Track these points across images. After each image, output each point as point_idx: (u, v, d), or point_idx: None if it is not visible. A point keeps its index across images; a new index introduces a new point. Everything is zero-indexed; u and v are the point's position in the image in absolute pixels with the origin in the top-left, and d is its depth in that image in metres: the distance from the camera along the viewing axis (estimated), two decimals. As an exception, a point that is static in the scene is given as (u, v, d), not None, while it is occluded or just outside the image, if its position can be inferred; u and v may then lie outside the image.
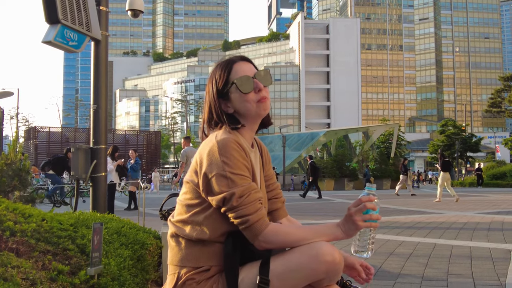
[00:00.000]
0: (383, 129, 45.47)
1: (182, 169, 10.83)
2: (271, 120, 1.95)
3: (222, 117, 1.81)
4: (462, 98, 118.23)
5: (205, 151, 1.71)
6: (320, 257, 1.61)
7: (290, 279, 1.64)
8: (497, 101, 57.97)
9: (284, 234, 1.68)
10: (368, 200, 1.69)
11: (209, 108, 1.85)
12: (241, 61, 1.85)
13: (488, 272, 4.36)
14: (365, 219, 1.67)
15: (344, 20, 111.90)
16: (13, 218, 2.76)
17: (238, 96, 1.79)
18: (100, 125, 5.70)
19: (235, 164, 1.66)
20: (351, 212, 1.68)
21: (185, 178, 1.82)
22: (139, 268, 3.21)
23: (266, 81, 1.82)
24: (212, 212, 1.73)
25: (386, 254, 5.42)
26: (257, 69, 1.86)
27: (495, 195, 19.04)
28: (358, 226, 1.67)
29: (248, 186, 1.67)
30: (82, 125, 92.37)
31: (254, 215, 1.64)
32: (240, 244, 1.72)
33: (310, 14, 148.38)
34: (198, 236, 1.73)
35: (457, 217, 9.95)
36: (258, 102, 1.79)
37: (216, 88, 1.82)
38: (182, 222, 1.77)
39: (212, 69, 1.88)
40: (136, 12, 8.02)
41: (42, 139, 33.75)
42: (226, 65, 1.83)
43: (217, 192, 1.66)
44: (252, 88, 1.79)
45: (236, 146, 1.69)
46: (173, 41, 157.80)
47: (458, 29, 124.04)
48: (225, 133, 1.76)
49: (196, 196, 1.76)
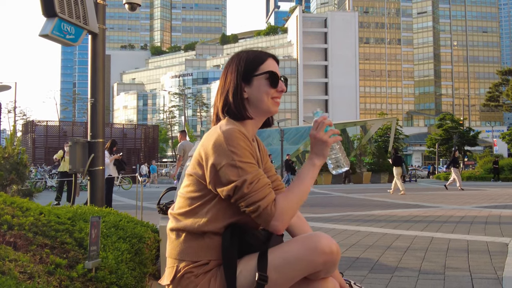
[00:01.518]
0: (381, 123, 45.51)
1: (180, 162, 10.83)
2: (273, 121, 2.01)
3: (237, 98, 1.83)
4: (460, 92, 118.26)
5: (210, 143, 1.71)
6: (318, 249, 1.63)
7: (288, 271, 1.65)
8: (495, 95, 58.09)
9: (290, 209, 1.70)
10: (323, 119, 1.77)
11: (228, 87, 1.85)
12: (274, 60, 1.91)
13: (485, 265, 4.37)
14: (329, 135, 1.75)
15: (342, 14, 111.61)
16: (11, 212, 2.76)
17: (262, 86, 1.83)
18: (97, 119, 5.69)
19: (243, 153, 1.68)
20: (315, 134, 1.76)
21: (187, 171, 1.82)
22: (137, 261, 3.21)
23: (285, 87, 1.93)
24: (214, 204, 1.73)
25: (384, 247, 5.44)
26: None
27: (493, 189, 19.09)
28: (327, 141, 1.75)
29: (257, 173, 1.69)
30: (79, 119, 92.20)
31: (264, 201, 1.65)
32: (238, 237, 1.72)
33: (308, 7, 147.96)
34: (199, 229, 1.73)
35: (455, 211, 9.98)
36: (273, 99, 1.86)
37: (244, 69, 1.84)
38: (183, 215, 1.78)
39: (243, 52, 1.91)
40: (134, 5, 7.97)
41: (39, 133, 33.64)
42: (260, 54, 1.89)
43: (228, 182, 1.66)
44: (278, 85, 1.86)
45: (242, 136, 1.71)
46: (170, 35, 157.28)
47: (456, 23, 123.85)
48: (229, 123, 1.78)
49: (199, 189, 1.76)
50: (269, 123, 1.97)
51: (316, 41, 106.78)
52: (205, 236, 1.73)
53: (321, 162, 1.76)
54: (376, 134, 46.38)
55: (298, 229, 1.98)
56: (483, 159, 41.30)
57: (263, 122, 1.93)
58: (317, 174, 1.77)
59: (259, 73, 1.83)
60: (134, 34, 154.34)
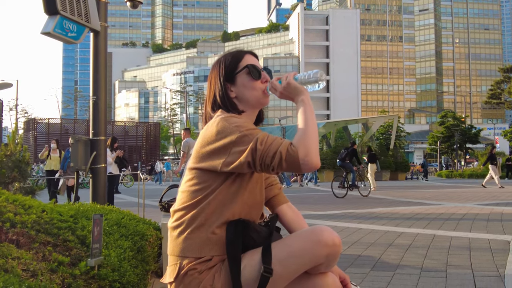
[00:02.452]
0: (383, 121, 45.48)
1: (184, 159, 10.88)
2: (264, 116, 2.05)
3: (225, 99, 1.89)
4: (462, 89, 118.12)
5: (213, 129, 1.74)
6: (321, 241, 1.66)
7: (292, 265, 1.68)
8: (497, 93, 57.97)
9: (310, 141, 1.68)
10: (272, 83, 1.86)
11: (214, 92, 1.92)
12: (251, 55, 1.97)
13: (487, 263, 4.37)
14: (282, 79, 1.83)
15: (343, 11, 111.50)
16: (13, 210, 2.76)
17: (246, 82, 1.89)
18: (99, 117, 5.69)
19: (246, 124, 1.73)
20: (280, 89, 1.83)
21: (188, 165, 1.83)
22: (139, 259, 3.22)
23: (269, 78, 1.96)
24: (216, 196, 1.74)
25: (385, 245, 5.44)
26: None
27: (494, 187, 19.06)
28: (289, 83, 1.80)
29: (265, 132, 1.72)
30: (81, 117, 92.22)
31: (282, 146, 1.66)
32: (242, 231, 1.73)
33: (310, 5, 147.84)
34: (200, 223, 1.74)
35: (456, 208, 9.97)
36: (263, 92, 1.90)
37: (224, 70, 1.91)
38: (185, 209, 1.78)
39: (221, 56, 1.97)
40: (135, 3, 7.97)
41: (41, 130, 33.63)
42: (237, 53, 1.95)
43: (243, 151, 1.68)
44: (260, 77, 1.91)
45: (239, 116, 1.81)
46: (172, 32, 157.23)
47: (458, 20, 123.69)
48: (224, 113, 1.84)
49: (202, 180, 1.77)
50: (261, 119, 2.01)
51: (318, 38, 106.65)
52: (208, 232, 1.73)
53: (304, 96, 1.79)
54: (378, 131, 46.33)
55: (295, 225, 2.00)
56: (484, 156, 41.25)
57: (255, 120, 1.96)
58: (311, 106, 1.78)
59: (239, 69, 1.89)
60: (136, 31, 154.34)
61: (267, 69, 1.96)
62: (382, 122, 45.04)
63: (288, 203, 2.05)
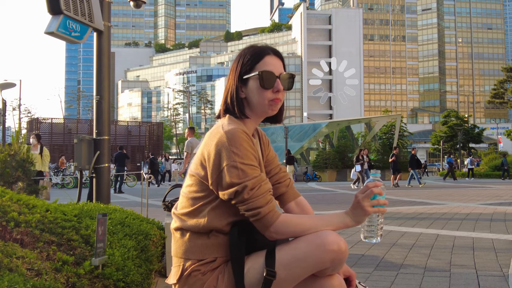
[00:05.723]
0: (386, 120, 45.34)
1: (187, 159, 10.85)
2: (283, 118, 1.97)
3: (233, 98, 1.82)
4: (465, 89, 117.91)
5: (213, 143, 1.70)
6: (326, 246, 1.62)
7: (296, 269, 1.65)
8: (500, 92, 57.74)
9: (294, 225, 1.68)
10: (374, 186, 1.69)
11: (228, 87, 1.86)
12: (274, 55, 1.85)
13: (491, 262, 4.36)
14: (373, 205, 1.67)
15: (346, 11, 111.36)
16: (17, 209, 2.77)
17: (256, 88, 1.79)
18: (103, 116, 5.70)
19: (245, 154, 1.66)
20: (359, 199, 1.68)
21: (190, 170, 1.81)
22: (143, 258, 3.22)
23: (287, 85, 1.84)
24: (217, 204, 1.73)
25: (389, 244, 5.43)
26: (285, 69, 1.87)
27: (498, 186, 19.03)
28: (367, 211, 1.67)
29: (259, 178, 1.67)
30: (84, 116, 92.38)
31: (265, 208, 1.64)
32: (245, 234, 1.72)
33: (313, 4, 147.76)
34: (203, 229, 1.73)
35: (460, 208, 9.96)
36: (271, 101, 1.81)
37: (240, 70, 1.83)
38: (187, 215, 1.77)
39: (244, 49, 1.87)
40: (138, 2, 7.97)
41: (44, 130, 33.65)
42: (258, 52, 1.83)
43: (229, 184, 1.64)
44: (272, 86, 1.79)
45: (245, 136, 1.69)
46: (175, 32, 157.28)
47: (461, 19, 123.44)
48: (231, 123, 1.76)
49: (201, 189, 1.75)
50: (277, 119, 1.94)
51: (321, 38, 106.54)
52: (210, 235, 1.73)
53: (352, 225, 1.71)
54: (381, 131, 46.20)
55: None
56: (488, 156, 41.16)
57: (272, 118, 1.91)
58: (337, 227, 1.71)
59: (252, 74, 1.79)
60: (138, 31, 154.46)
61: (291, 74, 1.83)
62: (385, 121, 44.90)
63: (296, 200, 1.99)
